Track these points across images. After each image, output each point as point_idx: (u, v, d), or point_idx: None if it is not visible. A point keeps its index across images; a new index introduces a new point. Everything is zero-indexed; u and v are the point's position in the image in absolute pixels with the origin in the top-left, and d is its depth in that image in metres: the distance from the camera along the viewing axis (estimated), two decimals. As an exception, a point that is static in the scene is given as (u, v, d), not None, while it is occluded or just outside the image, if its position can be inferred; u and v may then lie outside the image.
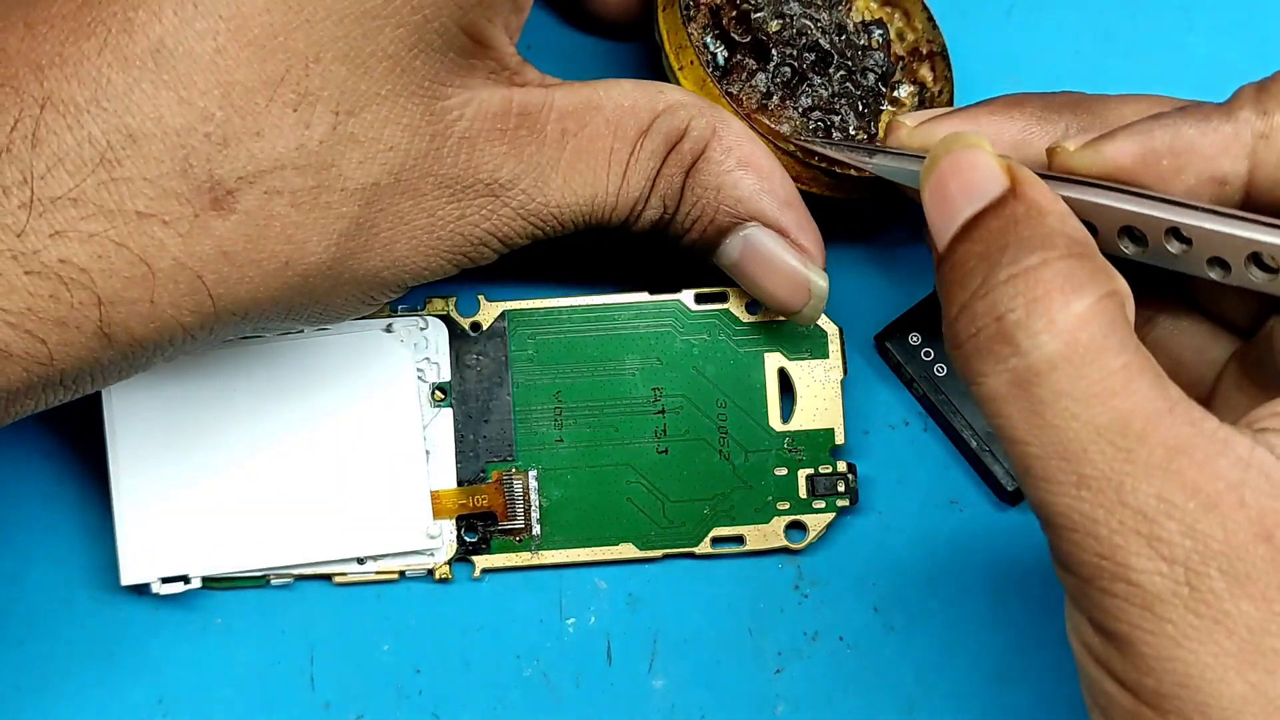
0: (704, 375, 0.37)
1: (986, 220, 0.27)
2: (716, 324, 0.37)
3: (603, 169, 0.32)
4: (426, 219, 0.30)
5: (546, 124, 0.31)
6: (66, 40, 0.27)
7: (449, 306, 0.37)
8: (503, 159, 0.31)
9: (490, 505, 0.35)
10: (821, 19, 0.37)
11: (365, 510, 0.35)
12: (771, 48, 0.36)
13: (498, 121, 0.31)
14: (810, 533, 0.36)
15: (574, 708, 0.36)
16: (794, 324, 0.37)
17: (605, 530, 0.36)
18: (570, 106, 0.32)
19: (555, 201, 0.32)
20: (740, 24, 0.37)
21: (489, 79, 0.31)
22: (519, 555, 0.36)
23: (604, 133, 0.32)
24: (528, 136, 0.31)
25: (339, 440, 0.35)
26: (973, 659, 0.37)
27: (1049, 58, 0.40)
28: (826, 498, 0.36)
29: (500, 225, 0.32)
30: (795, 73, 0.36)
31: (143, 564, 0.34)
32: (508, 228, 0.32)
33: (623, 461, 0.36)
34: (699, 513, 0.36)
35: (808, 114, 0.36)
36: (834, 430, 0.37)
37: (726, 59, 0.38)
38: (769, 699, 0.36)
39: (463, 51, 0.30)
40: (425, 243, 0.31)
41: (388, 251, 0.30)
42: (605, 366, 0.37)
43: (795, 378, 0.37)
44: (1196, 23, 0.41)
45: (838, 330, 0.37)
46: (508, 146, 0.31)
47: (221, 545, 0.35)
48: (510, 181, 0.31)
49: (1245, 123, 0.29)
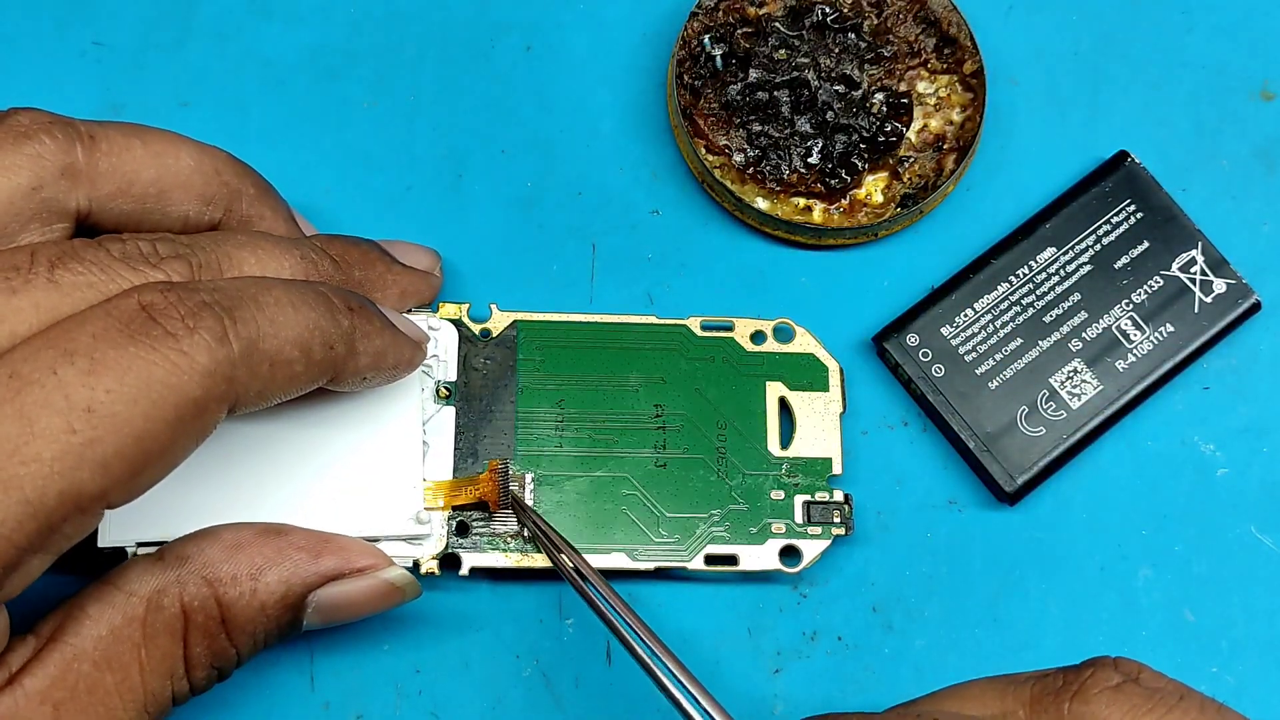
0: (706, 397, 0.37)
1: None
2: (721, 350, 0.37)
3: (120, 709, 0.30)
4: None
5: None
6: None
7: (461, 312, 0.37)
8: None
9: (484, 495, 0.35)
10: (826, 65, 0.38)
11: (357, 492, 0.35)
12: (753, 68, 0.38)
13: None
14: (804, 559, 0.36)
15: (573, 708, 0.36)
16: (796, 358, 0.37)
17: (598, 538, 0.36)
18: (45, 683, 0.29)
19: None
20: (749, 38, 0.38)
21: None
22: (509, 556, 0.36)
23: (98, 676, 0.30)
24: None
25: (336, 424, 0.35)
26: (971, 659, 0.37)
27: (1049, 58, 0.40)
28: (822, 525, 0.36)
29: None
30: (771, 100, 0.37)
31: (122, 528, 0.34)
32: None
33: (620, 473, 0.36)
34: (693, 529, 0.36)
35: (754, 138, 0.38)
36: (831, 460, 0.37)
37: (724, 60, 0.38)
38: (768, 699, 0.36)
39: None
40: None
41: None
42: (609, 380, 0.37)
43: (795, 407, 0.37)
44: (1196, 23, 0.40)
45: (838, 366, 0.37)
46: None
47: (208, 517, 0.34)
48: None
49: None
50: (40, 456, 0.26)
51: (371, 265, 0.34)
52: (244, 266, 0.31)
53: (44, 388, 0.27)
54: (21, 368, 0.27)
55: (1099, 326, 0.38)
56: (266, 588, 0.32)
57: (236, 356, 0.28)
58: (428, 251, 0.37)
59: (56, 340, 0.27)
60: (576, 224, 0.39)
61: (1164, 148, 0.40)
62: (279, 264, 0.31)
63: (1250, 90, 0.40)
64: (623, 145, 0.40)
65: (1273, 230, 0.39)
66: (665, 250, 0.39)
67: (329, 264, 0.33)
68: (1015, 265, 0.38)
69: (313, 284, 0.31)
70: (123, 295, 0.28)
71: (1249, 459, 0.38)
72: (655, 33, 0.40)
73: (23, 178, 0.31)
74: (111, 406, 0.27)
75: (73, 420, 0.27)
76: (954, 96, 0.39)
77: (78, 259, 0.29)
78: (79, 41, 0.40)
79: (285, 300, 0.30)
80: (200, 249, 0.30)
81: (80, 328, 0.28)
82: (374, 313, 0.32)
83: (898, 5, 0.39)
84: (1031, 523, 0.38)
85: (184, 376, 0.28)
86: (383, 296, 0.34)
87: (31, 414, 0.27)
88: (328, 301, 0.31)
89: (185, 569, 0.31)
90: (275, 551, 0.32)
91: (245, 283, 0.30)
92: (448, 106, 0.40)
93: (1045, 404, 0.37)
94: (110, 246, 0.30)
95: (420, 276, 0.36)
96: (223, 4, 0.40)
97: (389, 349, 0.33)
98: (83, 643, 0.30)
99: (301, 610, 0.32)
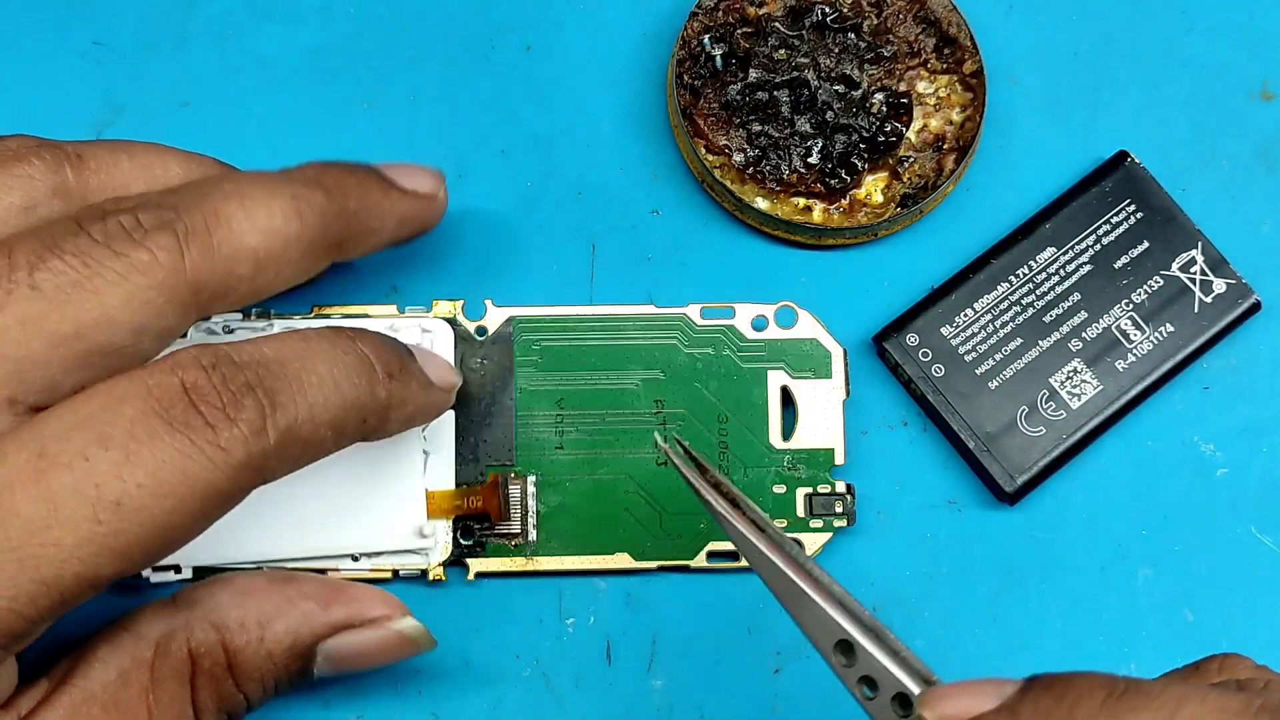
0: (706, 389, 0.37)
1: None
2: (721, 339, 0.37)
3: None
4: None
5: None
6: None
7: (456, 310, 0.37)
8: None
9: (484, 507, 0.35)
10: (826, 65, 0.38)
11: (359, 507, 0.35)
12: (753, 68, 0.37)
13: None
14: (807, 551, 0.36)
15: (573, 708, 0.36)
16: (799, 343, 0.37)
17: (602, 539, 0.36)
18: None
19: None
20: (749, 38, 0.38)
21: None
22: (514, 560, 0.36)
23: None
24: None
25: None
26: (971, 658, 0.37)
27: (1049, 58, 0.40)
28: (824, 517, 0.36)
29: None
30: (771, 100, 0.37)
31: None
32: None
33: (622, 471, 0.36)
34: (695, 526, 0.36)
35: (754, 138, 0.38)
36: (834, 450, 0.37)
37: (724, 60, 0.38)
38: (767, 699, 0.36)
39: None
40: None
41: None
42: (608, 376, 0.37)
43: (797, 396, 0.37)
44: (1196, 23, 0.40)
45: (842, 351, 0.37)
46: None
47: (213, 536, 0.34)
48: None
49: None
50: (62, 542, 0.26)
51: (368, 193, 0.33)
52: (233, 223, 0.30)
53: (74, 473, 0.26)
54: (52, 446, 0.27)
55: (1099, 326, 0.38)
56: (274, 636, 0.32)
57: (271, 448, 0.28)
58: (430, 173, 0.35)
59: (92, 421, 0.27)
60: (576, 224, 0.39)
61: (1164, 148, 0.40)
62: (268, 208, 0.30)
63: (1250, 90, 0.40)
64: (623, 145, 0.40)
65: (1273, 230, 0.39)
66: (665, 250, 0.39)
67: (321, 197, 0.31)
68: (1015, 265, 0.38)
69: (357, 345, 0.31)
70: (165, 370, 0.28)
71: (1249, 459, 0.38)
72: (655, 33, 0.40)
73: (15, 198, 0.30)
74: (141, 500, 0.27)
75: (100, 512, 0.26)
76: (954, 96, 0.39)
77: (58, 253, 0.28)
78: (79, 41, 0.40)
79: (329, 378, 0.29)
80: (185, 210, 0.29)
81: (118, 408, 0.27)
82: (413, 372, 0.32)
83: (898, 5, 0.39)
84: (1031, 523, 0.38)
85: (218, 472, 0.27)
86: (381, 225, 0.33)
87: (58, 499, 0.26)
88: (370, 372, 0.30)
89: (194, 614, 0.31)
90: (284, 600, 0.32)
91: (290, 352, 0.29)
92: (448, 106, 0.40)
93: (1045, 404, 0.37)
94: (91, 228, 0.29)
95: (421, 202, 0.34)
96: (223, 4, 0.40)
97: (420, 411, 0.33)
98: (92, 686, 0.30)
99: (311, 659, 0.32)
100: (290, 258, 0.31)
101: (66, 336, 0.28)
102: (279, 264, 0.30)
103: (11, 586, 0.26)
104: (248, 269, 0.30)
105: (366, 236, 0.33)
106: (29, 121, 0.39)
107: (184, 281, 0.29)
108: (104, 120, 0.39)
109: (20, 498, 0.26)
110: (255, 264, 0.30)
